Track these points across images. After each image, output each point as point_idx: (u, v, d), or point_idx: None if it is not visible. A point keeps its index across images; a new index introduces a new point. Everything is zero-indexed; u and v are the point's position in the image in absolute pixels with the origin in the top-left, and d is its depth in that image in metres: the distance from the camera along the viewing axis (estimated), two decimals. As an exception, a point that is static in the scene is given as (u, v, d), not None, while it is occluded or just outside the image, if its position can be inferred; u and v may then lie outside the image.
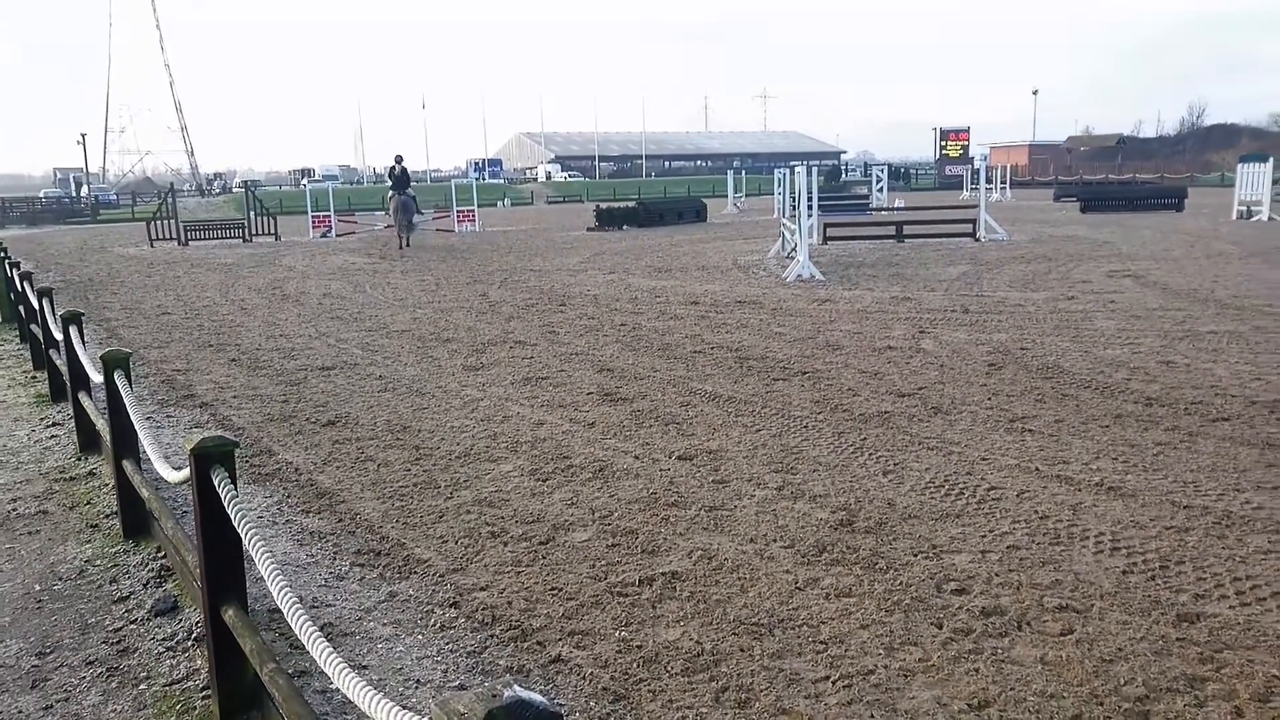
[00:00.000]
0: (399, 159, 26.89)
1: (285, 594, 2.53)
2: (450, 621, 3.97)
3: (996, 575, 4.19)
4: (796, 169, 18.10)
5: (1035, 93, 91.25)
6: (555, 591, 4.20)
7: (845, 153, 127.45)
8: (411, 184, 27.31)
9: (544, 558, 4.56)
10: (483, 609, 4.06)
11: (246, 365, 9.57)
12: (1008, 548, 4.49)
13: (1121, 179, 61.83)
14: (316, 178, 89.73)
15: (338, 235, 31.38)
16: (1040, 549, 4.46)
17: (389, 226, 30.64)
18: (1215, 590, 3.98)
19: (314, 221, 31.95)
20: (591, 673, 3.50)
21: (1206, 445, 5.96)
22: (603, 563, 4.47)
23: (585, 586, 4.23)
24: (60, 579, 4.64)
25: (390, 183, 27.08)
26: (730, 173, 48.74)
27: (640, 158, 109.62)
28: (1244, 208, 27.74)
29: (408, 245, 25.52)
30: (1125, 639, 3.60)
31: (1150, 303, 11.90)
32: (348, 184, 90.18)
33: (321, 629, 3.89)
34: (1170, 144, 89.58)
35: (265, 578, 2.62)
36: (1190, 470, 5.51)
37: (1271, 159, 29.49)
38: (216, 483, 2.99)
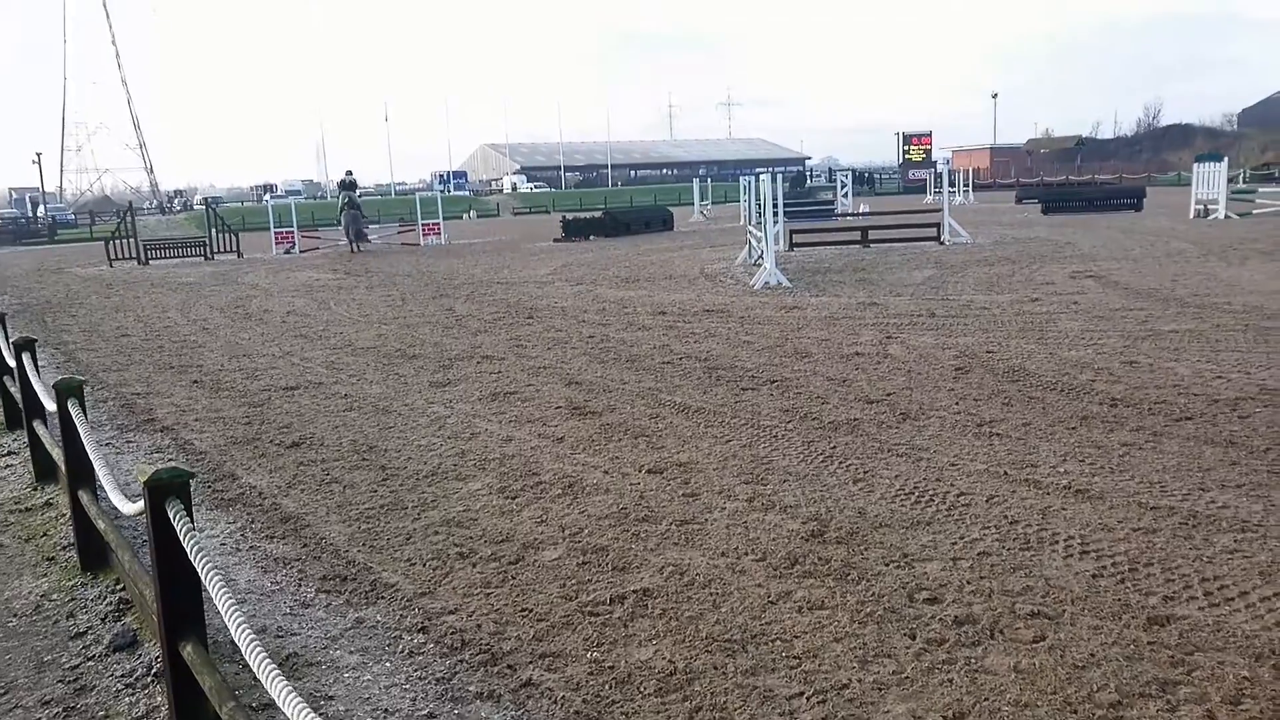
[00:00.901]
0: (349, 173, 31.56)
1: (243, 631, 2.46)
2: (419, 647, 3.90)
3: (968, 583, 4.18)
4: (761, 176, 18.15)
5: (995, 96, 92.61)
6: (525, 613, 4.14)
7: (810, 159, 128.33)
8: (358, 196, 32.16)
9: (514, 578, 4.50)
10: (452, 633, 3.99)
11: (208, 387, 9.42)
12: (979, 554, 4.48)
13: (1081, 180, 62.66)
14: (279, 193, 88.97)
15: (301, 251, 31.09)
16: (1011, 555, 4.46)
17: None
18: (1184, 592, 4.00)
19: (277, 238, 31.65)
20: (563, 696, 3.45)
21: (1171, 445, 6.01)
22: (573, 581, 4.41)
23: (556, 607, 4.17)
24: (15, 614, 4.51)
25: (343, 196, 31.37)
26: (696, 181, 48.92)
27: (606, 167, 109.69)
28: (1201, 207, 28.20)
29: (358, 250, 29.69)
30: (1097, 644, 3.60)
31: (1113, 303, 12.03)
32: (310, 199, 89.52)
33: (285, 660, 3.82)
34: (1128, 144, 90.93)
35: (223, 614, 2.55)
36: (1156, 470, 5.54)
37: (1226, 159, 30.06)
38: (172, 515, 2.91)
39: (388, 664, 3.78)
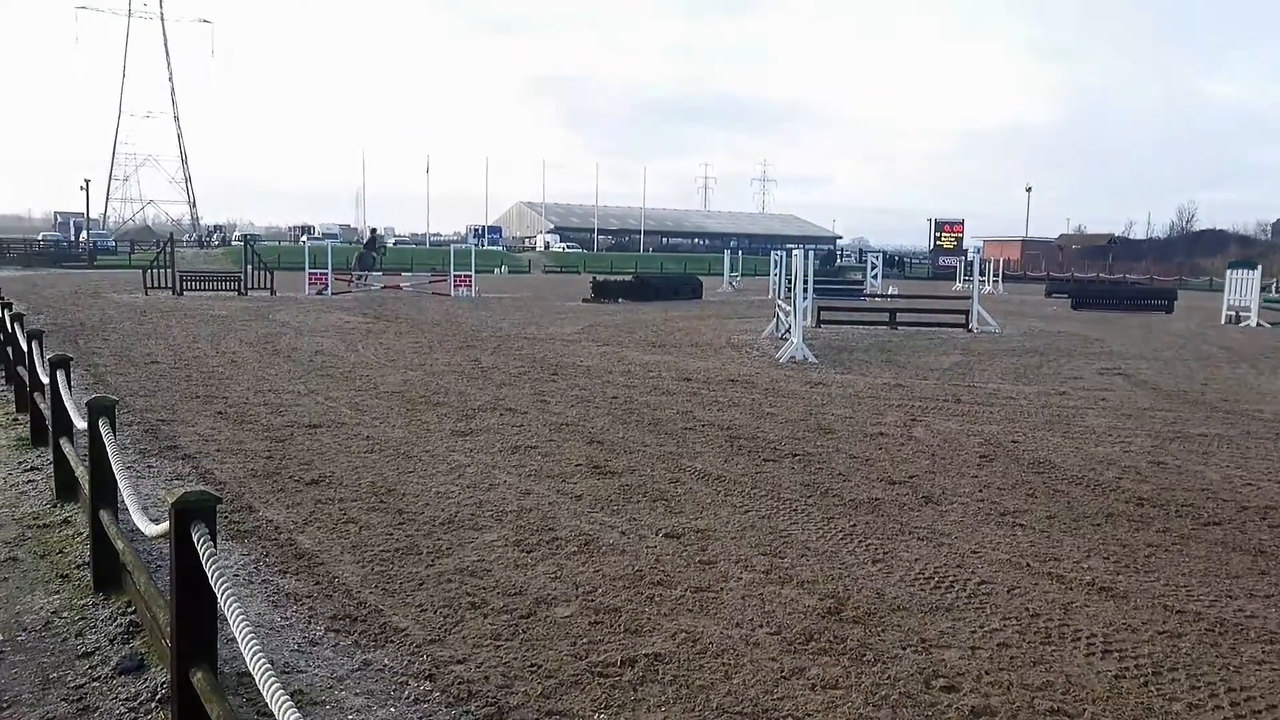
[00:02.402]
0: (373, 230, 36.10)
1: (258, 659, 2.45)
2: (425, 695, 3.85)
3: (986, 674, 4.09)
4: (793, 252, 18.28)
5: (1029, 189, 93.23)
6: (534, 668, 4.08)
7: (841, 238, 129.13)
8: (377, 249, 40.41)
9: (524, 632, 4.45)
10: (459, 683, 3.94)
11: (233, 419, 9.48)
12: (998, 645, 4.40)
13: (1112, 278, 62.65)
14: (316, 235, 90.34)
15: (334, 293, 31.46)
16: (1031, 648, 4.37)
17: (385, 286, 33.83)
18: (1209, 700, 3.90)
19: (311, 278, 32.07)
20: (568, 756, 3.38)
21: (1198, 549, 5.91)
22: (584, 640, 4.36)
23: (565, 664, 4.12)
24: (25, 629, 4.50)
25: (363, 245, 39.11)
26: (727, 252, 49.25)
27: (639, 232, 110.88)
28: (1233, 312, 28.09)
29: (355, 283, 33.87)
30: (1118, 747, 3.50)
31: (1141, 402, 11.93)
32: (347, 243, 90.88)
33: (292, 696, 3.78)
34: (1160, 246, 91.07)
35: (239, 640, 2.54)
36: (1182, 574, 5.44)
37: (1260, 266, 29.99)
38: (196, 539, 2.92)
39: (392, 709, 3.73)
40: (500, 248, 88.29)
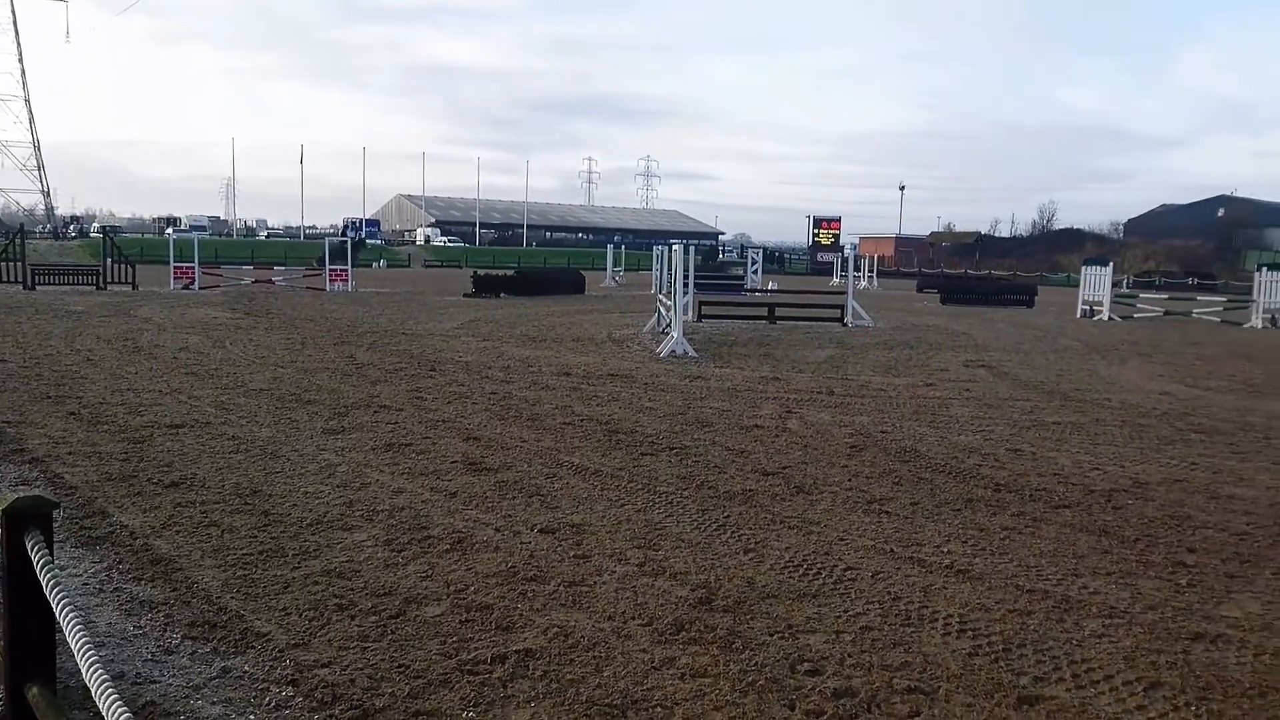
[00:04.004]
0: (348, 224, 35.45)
1: (96, 671, 2.33)
2: (286, 700, 3.74)
3: (849, 656, 4.22)
4: (674, 246, 18.46)
5: (902, 188, 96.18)
6: (402, 669, 4.01)
7: (724, 234, 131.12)
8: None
9: (393, 633, 4.37)
10: (323, 687, 3.84)
11: (87, 420, 9.00)
12: (861, 628, 4.54)
13: (979, 274, 65.42)
14: (183, 227, 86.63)
15: (201, 288, 30.22)
16: (892, 630, 4.53)
17: (256, 281, 32.76)
18: (1054, 673, 4.11)
19: (176, 272, 30.73)
20: (434, 757, 3.34)
21: (1049, 531, 6.22)
22: (454, 639, 4.31)
23: (434, 664, 4.06)
24: None
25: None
26: (610, 247, 49.40)
27: (522, 226, 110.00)
28: (1087, 307, 29.67)
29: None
30: (969, 722, 3.66)
31: (1002, 392, 12.49)
32: (216, 235, 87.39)
33: (141, 709, 3.62)
34: (1023, 244, 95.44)
35: (75, 652, 2.41)
36: (1034, 555, 5.72)
37: (1112, 264, 31.78)
38: (30, 547, 2.76)
39: (252, 717, 3.61)
40: (379, 241, 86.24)
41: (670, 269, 18.37)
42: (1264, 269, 30.02)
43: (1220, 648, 4.43)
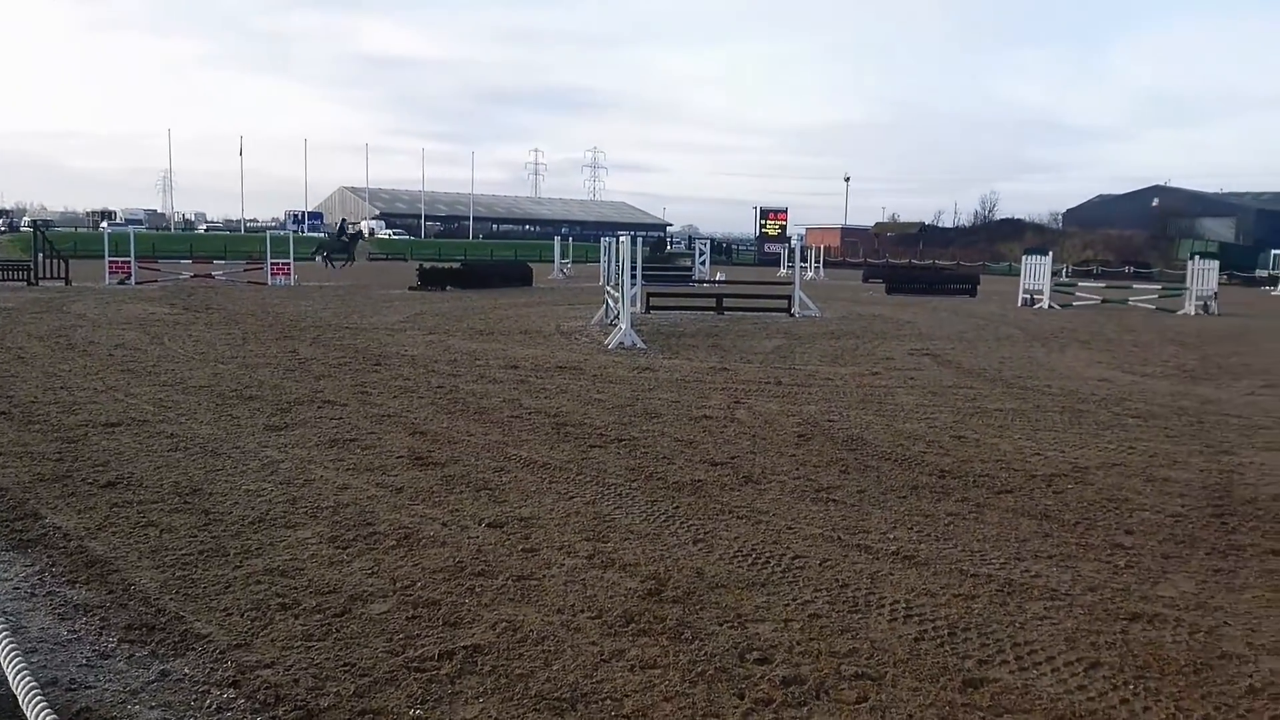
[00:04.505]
0: (344, 220, 35.87)
1: (22, 677, 2.25)
2: (228, 703, 3.66)
3: (798, 644, 4.24)
4: (622, 238, 18.42)
5: (847, 179, 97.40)
6: (348, 667, 3.95)
7: (671, 225, 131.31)
8: (349, 236, 47.36)
9: (338, 631, 4.30)
10: (266, 687, 3.76)
11: (17, 420, 8.73)
12: (809, 616, 4.57)
13: (923, 264, 66.29)
14: (119, 221, 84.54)
15: (138, 283, 29.52)
16: (840, 617, 4.57)
17: (195, 276, 32.52)
18: (997, 656, 4.17)
19: (112, 267, 29.97)
20: (381, 756, 3.29)
21: (992, 516, 6.32)
22: (401, 636, 4.25)
23: (380, 661, 4.00)
24: None
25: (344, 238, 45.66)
26: (558, 239, 49.19)
27: (468, 219, 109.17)
28: (1028, 295, 30.23)
29: (330, 268, 41.43)
30: (915, 705, 3.70)
31: (946, 380, 12.68)
32: (154, 229, 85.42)
33: (76, 715, 3.52)
34: (965, 234, 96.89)
35: (1, 659, 2.33)
36: (978, 540, 5.81)
37: (1051, 253, 32.42)
38: (-49, 551, 2.65)
39: (191, 721, 3.53)
40: (322, 234, 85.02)
41: (618, 260, 18.34)
42: (1196, 258, 30.86)
43: (1157, 627, 4.54)
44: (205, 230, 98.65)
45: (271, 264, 31.71)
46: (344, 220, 36.76)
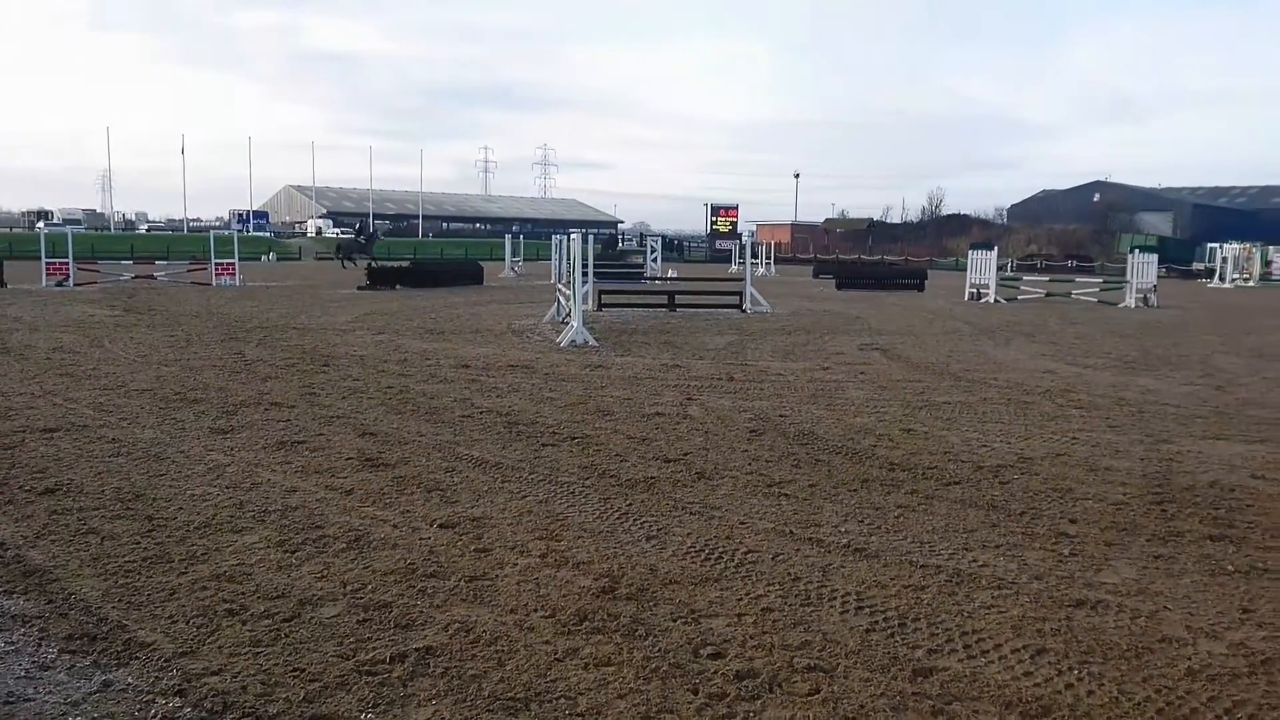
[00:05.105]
0: (361, 221, 35.18)
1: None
2: (174, 712, 3.59)
3: (751, 638, 4.27)
4: (573, 235, 18.37)
5: (797, 176, 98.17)
6: (297, 673, 3.89)
7: (623, 223, 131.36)
8: (368, 236, 47.82)
9: (287, 636, 4.23)
10: (213, 695, 3.69)
11: (-49, 426, 8.48)
12: (762, 610, 4.59)
13: (872, 260, 67.06)
14: (56, 221, 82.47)
15: (76, 284, 28.82)
16: (792, 610, 4.60)
17: (137, 276, 31.75)
18: (947, 645, 4.23)
19: (49, 268, 29.22)
20: (332, 762, 3.25)
21: (941, 507, 6.41)
22: (351, 640, 4.20)
23: (331, 666, 3.95)
24: None
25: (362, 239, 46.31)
26: (509, 237, 48.90)
27: (417, 217, 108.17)
28: (974, 290, 30.68)
29: (345, 266, 41.65)
30: (867, 696, 3.74)
31: (895, 375, 12.83)
32: (93, 229, 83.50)
33: (14, 729, 3.42)
34: (913, 229, 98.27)
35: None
36: (927, 531, 5.88)
37: (996, 248, 32.95)
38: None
39: (136, 731, 3.45)
40: (267, 234, 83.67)
41: (569, 258, 18.29)
42: (1136, 251, 31.55)
43: (1100, 613, 4.64)
44: (147, 230, 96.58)
45: (216, 264, 31.14)
46: (362, 222, 38.47)
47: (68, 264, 29.41)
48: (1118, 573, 5.21)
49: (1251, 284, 48.21)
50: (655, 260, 42.65)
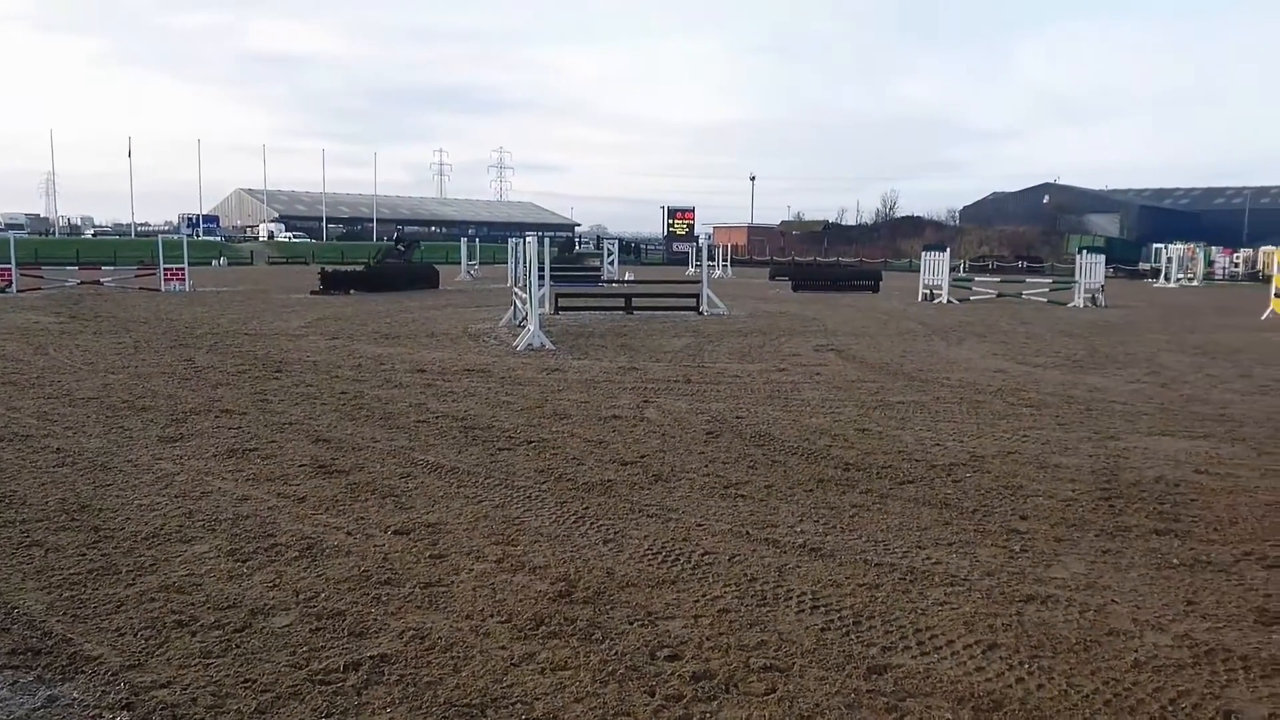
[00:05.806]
0: (399, 230, 36.61)
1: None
2: (121, 727, 3.51)
3: (708, 639, 4.28)
4: (530, 239, 18.31)
5: (753, 178, 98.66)
6: (249, 684, 3.83)
7: (580, 225, 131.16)
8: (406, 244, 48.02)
9: (238, 646, 4.17)
10: (162, 708, 3.63)
11: (-112, 437, 8.24)
12: (719, 611, 4.61)
13: (827, 261, 67.60)
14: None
15: (19, 291, 28.15)
16: (748, 611, 4.62)
17: (82, 282, 30.84)
18: (900, 642, 4.28)
19: (-9, 275, 28.51)
20: (284, 773, 3.20)
21: (895, 506, 6.48)
22: (304, 649, 4.15)
23: (283, 676, 3.90)
24: None
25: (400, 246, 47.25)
26: (464, 240, 48.62)
27: (371, 220, 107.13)
28: (928, 291, 31.07)
29: None
30: (822, 694, 3.77)
31: (850, 375, 12.94)
32: (36, 234, 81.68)
33: (-47, 748, 3.33)
34: (868, 231, 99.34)
35: None
36: (881, 530, 5.94)
37: (949, 249, 33.40)
38: None
39: (81, 747, 3.38)
40: (218, 238, 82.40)
41: (526, 261, 18.23)
42: (1084, 252, 32.15)
43: (1050, 608, 4.71)
44: (93, 235, 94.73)
45: (165, 269, 30.59)
46: (399, 229, 39.76)
47: (10, 270, 28.71)
48: (1067, 568, 5.30)
49: (1196, 283, 49.40)
50: (612, 263, 42.62)
